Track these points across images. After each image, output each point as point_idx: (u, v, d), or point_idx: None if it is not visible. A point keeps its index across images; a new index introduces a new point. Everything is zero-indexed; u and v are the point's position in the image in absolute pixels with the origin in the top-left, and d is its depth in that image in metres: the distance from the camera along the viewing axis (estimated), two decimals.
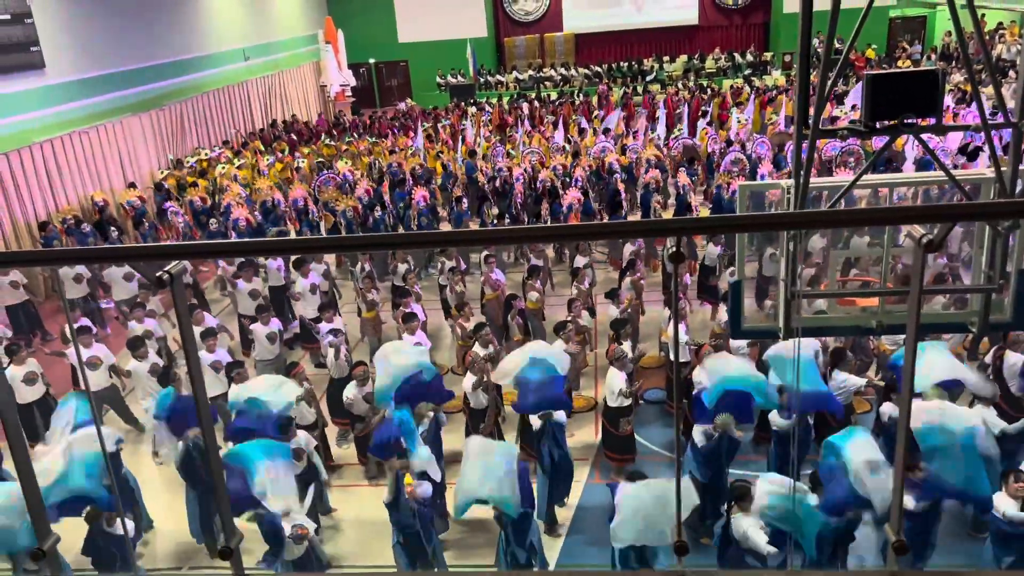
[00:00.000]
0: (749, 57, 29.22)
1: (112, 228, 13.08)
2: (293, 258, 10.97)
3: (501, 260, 11.90)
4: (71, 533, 5.98)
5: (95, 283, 11.53)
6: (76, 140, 15.02)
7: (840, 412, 6.80)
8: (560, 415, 6.99)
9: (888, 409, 6.80)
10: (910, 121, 4.43)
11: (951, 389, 6.33)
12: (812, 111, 4.47)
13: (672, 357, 7.70)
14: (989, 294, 4.75)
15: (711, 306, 10.60)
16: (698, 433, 6.64)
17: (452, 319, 9.62)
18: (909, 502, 5.53)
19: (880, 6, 27.38)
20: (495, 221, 13.29)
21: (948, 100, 16.88)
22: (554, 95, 26.53)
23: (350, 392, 7.67)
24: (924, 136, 4.87)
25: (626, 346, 8.06)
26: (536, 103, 24.42)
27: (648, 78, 28.65)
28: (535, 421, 6.93)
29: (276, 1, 25.91)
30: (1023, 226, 4.55)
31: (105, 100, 16.12)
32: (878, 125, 4.41)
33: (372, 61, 30.68)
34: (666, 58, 30.15)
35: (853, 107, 18.16)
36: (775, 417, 6.77)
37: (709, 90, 24.14)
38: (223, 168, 17.29)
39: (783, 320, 4.98)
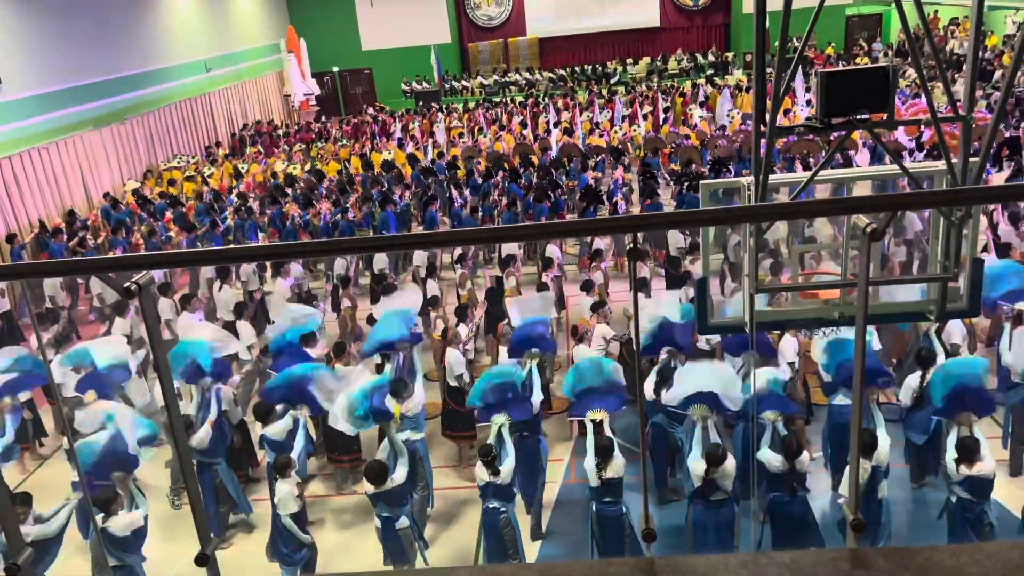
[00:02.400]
0: (711, 57, 29.60)
1: (86, 237, 13.10)
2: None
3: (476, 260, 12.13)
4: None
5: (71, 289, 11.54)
6: (36, 156, 14.80)
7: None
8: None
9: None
10: (863, 117, 4.56)
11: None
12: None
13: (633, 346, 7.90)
14: (945, 282, 4.89)
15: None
16: None
17: (433, 311, 9.69)
18: None
19: (836, 4, 27.90)
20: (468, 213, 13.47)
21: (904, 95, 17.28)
22: (520, 99, 26.68)
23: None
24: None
25: (604, 328, 8.40)
26: (509, 102, 24.86)
27: (612, 80, 28.88)
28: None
29: (237, 11, 25.73)
30: (974, 216, 4.69)
31: (64, 115, 15.90)
32: (833, 121, 4.54)
33: (336, 69, 30.57)
34: (629, 60, 30.42)
35: (808, 102, 18.57)
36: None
37: (672, 90, 24.45)
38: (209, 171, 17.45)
39: (748, 314, 5.09)
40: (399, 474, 6.13)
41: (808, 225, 9.87)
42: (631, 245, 1.74)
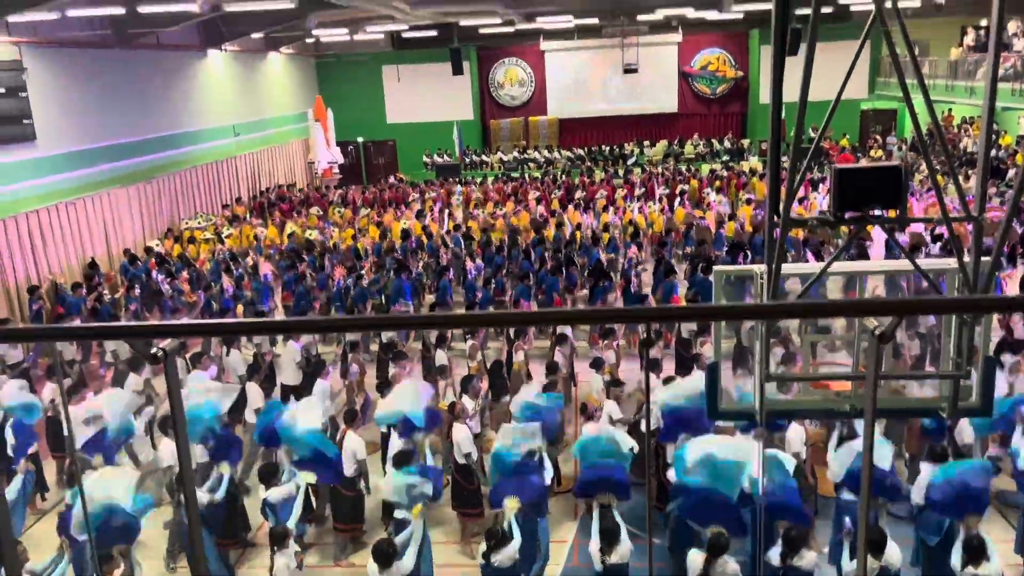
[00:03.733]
0: (727, 144, 30.15)
1: (104, 292, 13.28)
2: None
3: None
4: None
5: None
6: (63, 210, 15.16)
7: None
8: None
9: None
10: (876, 213, 4.64)
11: None
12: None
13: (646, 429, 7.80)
14: (958, 379, 4.88)
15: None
16: None
17: (441, 380, 9.69)
18: None
19: (852, 99, 28.51)
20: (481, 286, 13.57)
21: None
22: (537, 175, 27.16)
23: None
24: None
25: (612, 406, 8.32)
26: (527, 178, 25.41)
27: (629, 162, 29.40)
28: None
29: (269, 80, 26.58)
30: (986, 315, 4.71)
31: (94, 172, 16.33)
32: (846, 216, 4.62)
33: (360, 140, 31.32)
34: (647, 143, 31.03)
35: (827, 191, 18.81)
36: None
37: (688, 173, 24.85)
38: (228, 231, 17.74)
39: (759, 403, 5.08)
40: (407, 562, 6.02)
41: None
42: (645, 334, 1.78)
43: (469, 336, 10.81)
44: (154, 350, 1.70)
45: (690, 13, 23.96)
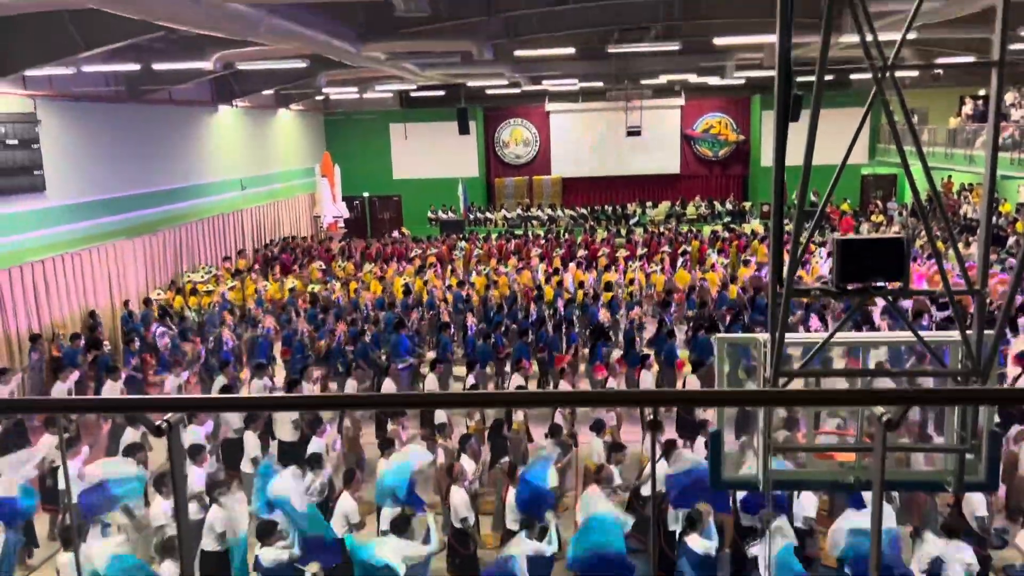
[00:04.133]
0: (729, 205, 30.44)
1: (103, 343, 13.25)
2: (286, 380, 11.14)
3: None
4: None
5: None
6: (68, 261, 15.23)
7: None
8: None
9: None
10: (879, 284, 4.66)
11: None
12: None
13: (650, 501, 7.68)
14: (963, 454, 4.83)
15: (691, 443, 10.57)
16: None
17: (440, 439, 9.57)
18: None
19: (853, 164, 28.81)
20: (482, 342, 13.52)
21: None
22: (540, 232, 27.37)
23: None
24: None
25: (615, 471, 8.19)
26: (531, 235, 25.63)
27: (632, 221, 29.65)
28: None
29: (278, 135, 27.00)
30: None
31: (101, 223, 16.45)
32: (848, 287, 4.64)
33: (366, 195, 31.66)
34: (649, 203, 31.33)
35: (828, 254, 18.97)
36: None
37: (689, 234, 25.04)
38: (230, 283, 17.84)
39: (762, 473, 5.02)
40: None
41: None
42: (651, 417, 1.78)
43: None
44: (158, 422, 1.69)
45: (692, 78, 24.48)
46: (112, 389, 11.14)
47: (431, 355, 14.18)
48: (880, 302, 14.64)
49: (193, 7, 9.56)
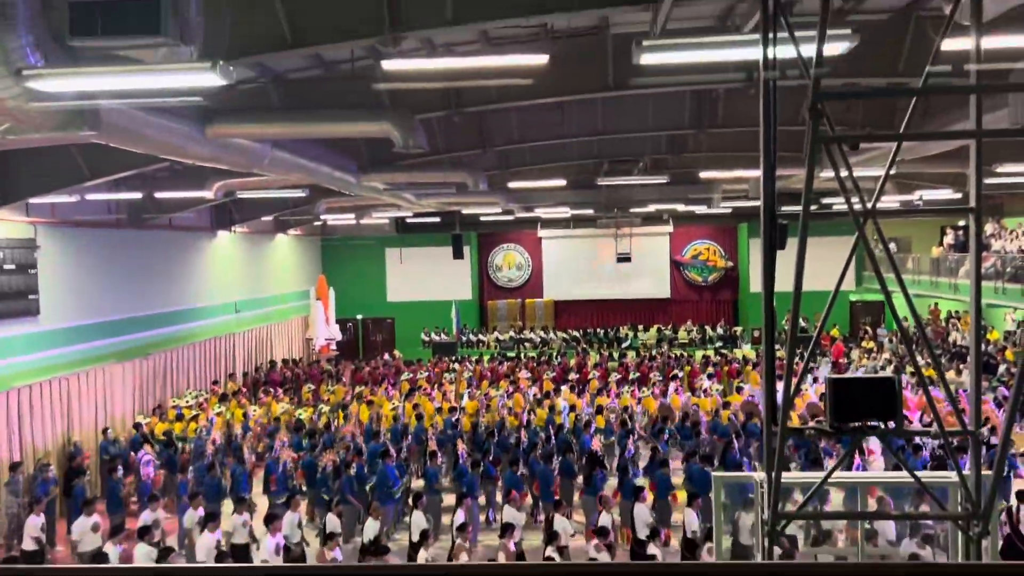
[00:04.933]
0: (720, 330, 30.64)
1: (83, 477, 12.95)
2: (265, 514, 10.87)
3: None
4: None
5: None
6: (55, 385, 15.04)
7: None
8: None
9: None
10: (873, 424, 4.65)
11: None
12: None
13: None
14: None
15: None
16: None
17: None
18: None
19: (841, 291, 29.28)
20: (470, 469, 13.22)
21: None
22: (533, 355, 27.35)
23: None
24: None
25: None
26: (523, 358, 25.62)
27: (624, 345, 29.73)
28: None
29: (274, 259, 27.38)
30: (992, 532, 4.59)
31: (92, 347, 16.37)
32: (842, 426, 4.63)
33: (360, 317, 31.81)
34: (640, 327, 31.54)
35: (815, 379, 19.01)
36: None
37: (682, 358, 25.05)
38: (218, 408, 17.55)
39: None
40: None
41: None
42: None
43: (458, 532, 10.42)
44: None
45: (680, 208, 25.21)
46: (84, 525, 10.86)
47: (418, 484, 13.85)
48: (876, 445, 14.52)
49: (200, 142, 9.90)
